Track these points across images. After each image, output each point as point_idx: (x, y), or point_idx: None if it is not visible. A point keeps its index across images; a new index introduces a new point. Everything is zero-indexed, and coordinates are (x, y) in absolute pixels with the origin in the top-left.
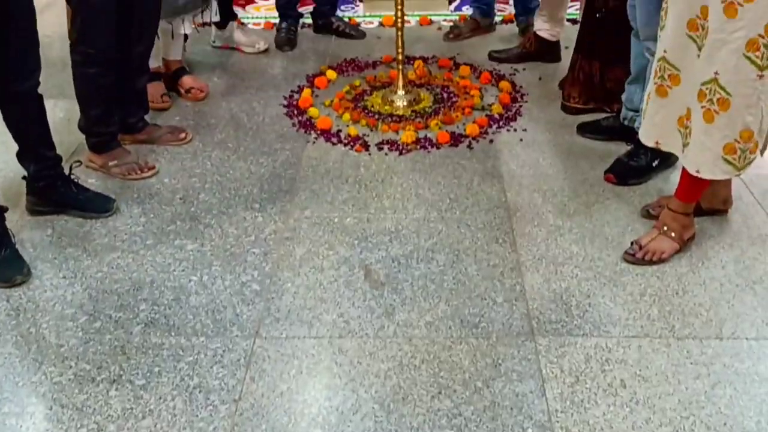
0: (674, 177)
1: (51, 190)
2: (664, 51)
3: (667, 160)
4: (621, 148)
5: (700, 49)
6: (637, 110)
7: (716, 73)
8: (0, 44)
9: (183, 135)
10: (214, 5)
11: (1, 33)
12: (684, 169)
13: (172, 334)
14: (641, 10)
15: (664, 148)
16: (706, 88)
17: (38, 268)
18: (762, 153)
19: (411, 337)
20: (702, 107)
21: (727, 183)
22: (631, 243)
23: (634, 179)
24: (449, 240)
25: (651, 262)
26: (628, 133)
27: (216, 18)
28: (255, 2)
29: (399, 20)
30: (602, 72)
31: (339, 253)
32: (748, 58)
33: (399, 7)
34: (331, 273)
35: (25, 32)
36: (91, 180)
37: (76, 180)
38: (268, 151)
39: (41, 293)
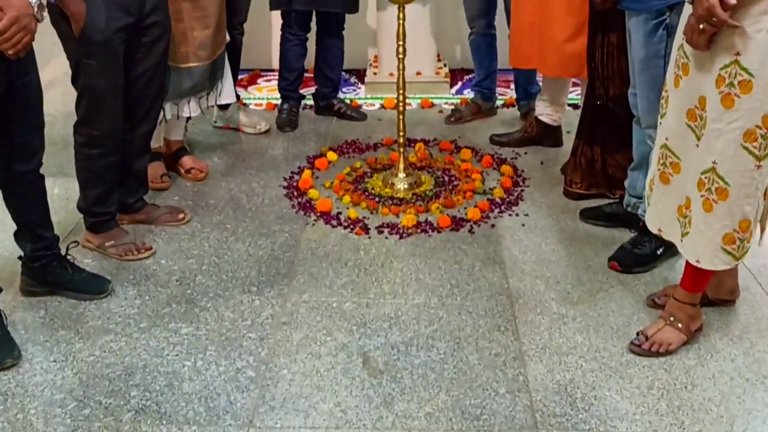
0: (680, 265)
1: (47, 270)
2: (666, 139)
3: (672, 248)
4: (625, 235)
5: (698, 138)
6: (640, 197)
7: (714, 162)
8: (6, 125)
9: (181, 215)
10: (219, 87)
11: (8, 115)
12: None
13: (164, 422)
14: (642, 99)
15: (666, 237)
16: (705, 178)
17: (29, 351)
18: (760, 240)
19: (410, 429)
20: (701, 196)
21: (733, 272)
22: (637, 333)
23: (638, 267)
24: (450, 327)
25: (658, 354)
26: (632, 220)
27: (230, 100)
28: (257, 83)
29: (400, 104)
30: (604, 158)
31: (337, 340)
32: (746, 148)
33: (400, 90)
34: (329, 360)
35: (32, 114)
36: (87, 260)
37: (72, 260)
38: (266, 233)
39: (31, 377)
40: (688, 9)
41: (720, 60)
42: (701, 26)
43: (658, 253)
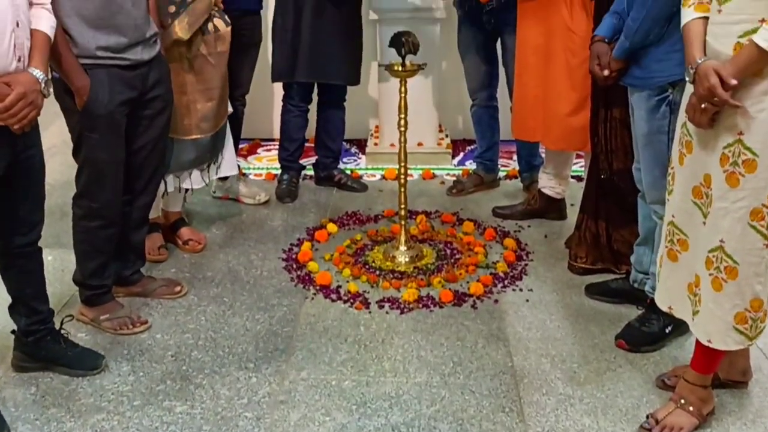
0: (689, 344)
1: (40, 345)
2: (672, 216)
3: (681, 326)
4: (632, 312)
5: (705, 216)
6: (646, 273)
7: (722, 241)
8: (8, 198)
9: (178, 288)
10: (220, 158)
11: (10, 188)
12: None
13: None
14: (647, 174)
15: (677, 315)
16: (713, 256)
17: (18, 430)
18: None
19: None
20: (710, 275)
21: (744, 353)
22: (647, 416)
23: (647, 346)
24: (452, 407)
25: None
26: (639, 296)
27: (231, 172)
28: (257, 153)
29: (402, 176)
30: (609, 232)
31: (336, 420)
32: (753, 227)
33: (402, 163)
34: None
35: (34, 188)
36: (80, 333)
37: (66, 335)
38: (264, 307)
39: None
40: (690, 86)
41: (723, 139)
42: (703, 106)
43: (667, 331)
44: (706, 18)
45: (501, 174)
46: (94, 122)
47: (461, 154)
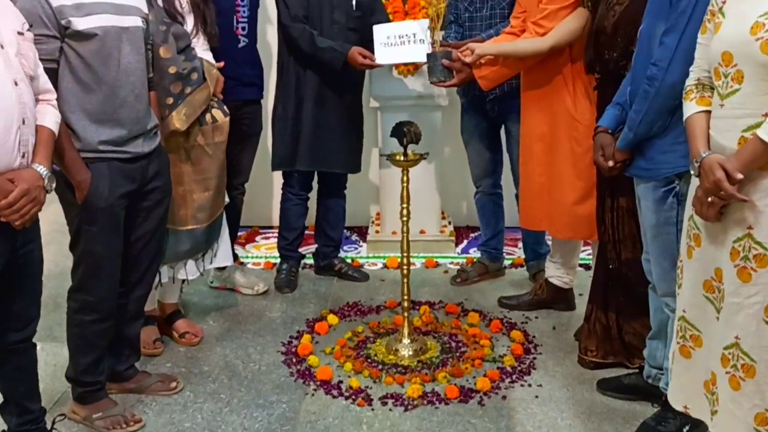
0: None
1: None
2: (684, 311)
3: (700, 425)
4: (647, 409)
5: (718, 311)
6: (660, 368)
7: (737, 337)
8: (4, 294)
9: (174, 384)
10: (215, 247)
11: (7, 282)
12: None
13: None
14: (656, 266)
15: (693, 414)
16: (729, 353)
17: None
18: None
19: None
20: (727, 373)
21: None
22: None
23: None
24: None
25: None
26: (654, 393)
27: (226, 263)
28: (255, 241)
29: (405, 267)
30: (620, 324)
31: None
32: None
33: (405, 254)
34: None
35: (32, 283)
36: None
37: None
38: (263, 404)
39: None
40: (696, 178)
41: (733, 233)
42: (709, 199)
43: (685, 431)
44: (709, 111)
45: (506, 262)
46: (94, 215)
47: (465, 242)
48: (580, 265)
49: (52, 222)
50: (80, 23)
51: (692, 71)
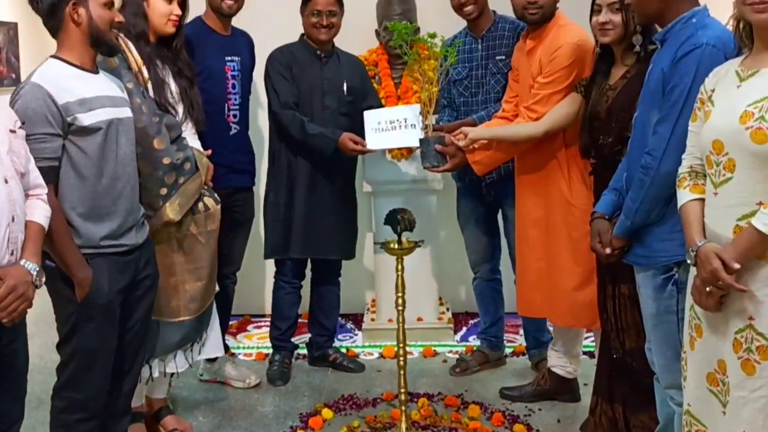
0: None
1: None
2: (689, 404)
3: None
4: None
5: (724, 405)
6: None
7: None
8: None
9: None
10: (205, 337)
11: None
12: None
13: None
14: (659, 356)
15: None
16: None
17: None
18: None
19: None
20: None
21: None
22: None
23: None
24: None
25: None
26: None
27: (216, 353)
28: (247, 330)
29: (401, 358)
30: (626, 417)
31: None
32: None
33: (401, 344)
34: None
35: (16, 382)
36: None
37: None
38: None
39: None
40: (694, 267)
41: (734, 324)
42: (708, 289)
43: None
44: (703, 199)
45: (507, 351)
46: (93, 312)
47: (464, 329)
48: (584, 353)
49: (38, 314)
50: (86, 119)
51: (685, 158)
